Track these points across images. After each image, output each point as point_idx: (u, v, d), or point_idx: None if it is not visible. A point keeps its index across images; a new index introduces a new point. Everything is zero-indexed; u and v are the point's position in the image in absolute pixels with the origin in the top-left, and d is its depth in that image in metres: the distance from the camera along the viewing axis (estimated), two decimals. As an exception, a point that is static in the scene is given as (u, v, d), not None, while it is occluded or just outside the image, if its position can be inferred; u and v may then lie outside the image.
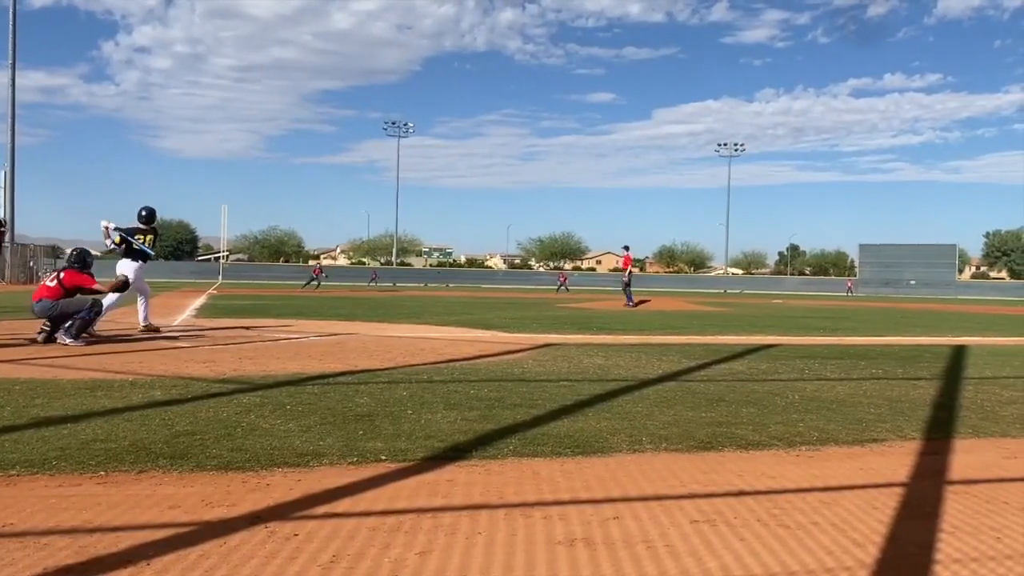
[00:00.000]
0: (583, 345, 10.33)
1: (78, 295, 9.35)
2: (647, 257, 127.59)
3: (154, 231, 11.37)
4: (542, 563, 2.58)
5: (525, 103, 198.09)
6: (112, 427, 4.44)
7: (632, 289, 23.92)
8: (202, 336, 10.63)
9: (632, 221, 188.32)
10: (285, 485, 3.42)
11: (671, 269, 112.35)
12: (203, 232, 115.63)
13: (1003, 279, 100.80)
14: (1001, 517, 3.22)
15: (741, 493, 3.49)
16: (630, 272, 23.69)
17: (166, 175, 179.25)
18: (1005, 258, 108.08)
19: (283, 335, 11.10)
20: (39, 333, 9.20)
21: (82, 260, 9.78)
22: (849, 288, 56.10)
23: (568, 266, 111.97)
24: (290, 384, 6.24)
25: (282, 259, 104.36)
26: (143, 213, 11.24)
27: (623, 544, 2.77)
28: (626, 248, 24.82)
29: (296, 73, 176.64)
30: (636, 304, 22.99)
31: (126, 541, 2.68)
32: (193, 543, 2.68)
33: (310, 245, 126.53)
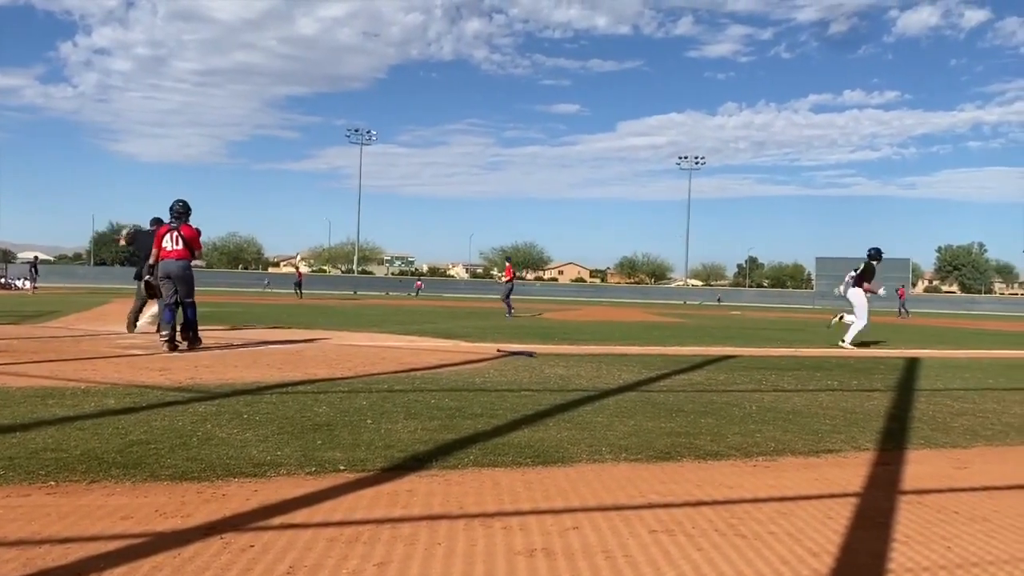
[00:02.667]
0: (545, 355, 10.35)
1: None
2: (608, 268, 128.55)
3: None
4: (501, 574, 2.57)
5: (490, 113, 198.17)
6: (63, 436, 4.33)
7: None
8: (158, 344, 10.43)
9: (594, 232, 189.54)
10: (241, 495, 3.37)
11: (632, 280, 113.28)
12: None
13: (954, 292, 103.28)
14: (951, 527, 3.29)
15: (699, 503, 3.52)
16: (511, 283, 23.80)
17: (124, 179, 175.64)
18: (956, 272, 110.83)
19: (241, 343, 10.95)
20: (163, 343, 9.40)
21: (188, 210, 9.93)
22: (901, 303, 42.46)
23: (530, 276, 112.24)
24: (247, 393, 6.16)
25: (241, 266, 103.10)
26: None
27: (582, 554, 2.77)
28: (508, 259, 26.65)
29: (260, 78, 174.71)
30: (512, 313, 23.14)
31: (76, 553, 2.62)
32: (145, 555, 2.62)
33: (270, 252, 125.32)
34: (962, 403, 7.03)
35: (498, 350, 10.96)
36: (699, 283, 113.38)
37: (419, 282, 70.07)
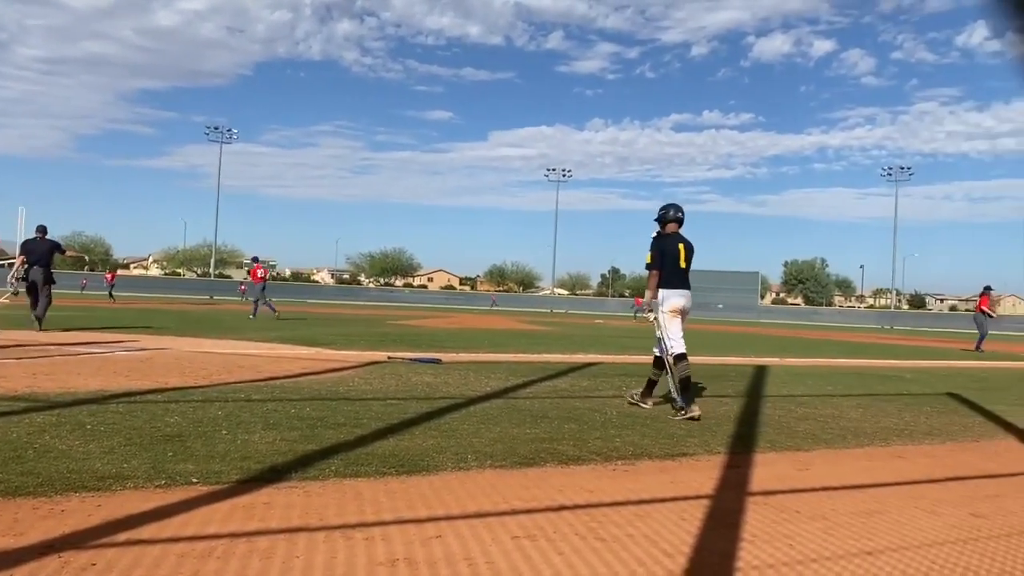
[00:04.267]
0: (412, 362, 10.27)
1: None
2: (478, 276, 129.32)
3: None
4: (362, 585, 2.52)
5: (360, 116, 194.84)
6: None
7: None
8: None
9: (465, 240, 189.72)
10: (83, 511, 3.15)
11: (501, 288, 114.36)
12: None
13: (799, 304, 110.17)
14: (794, 525, 3.49)
15: (561, 508, 3.58)
16: (264, 285, 24.01)
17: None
18: (801, 285, 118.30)
19: (85, 349, 10.27)
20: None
21: None
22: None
23: (399, 282, 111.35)
24: (92, 402, 5.78)
25: (87, 267, 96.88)
26: None
27: (445, 563, 2.76)
28: (255, 259, 25.99)
29: (113, 70, 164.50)
30: (278, 316, 23.42)
31: None
32: (-31, 580, 2.41)
33: (120, 253, 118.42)
34: (804, 408, 7.49)
35: (388, 357, 10.83)
36: (565, 292, 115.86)
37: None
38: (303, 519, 3.21)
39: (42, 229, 14.67)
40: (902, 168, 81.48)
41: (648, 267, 7.26)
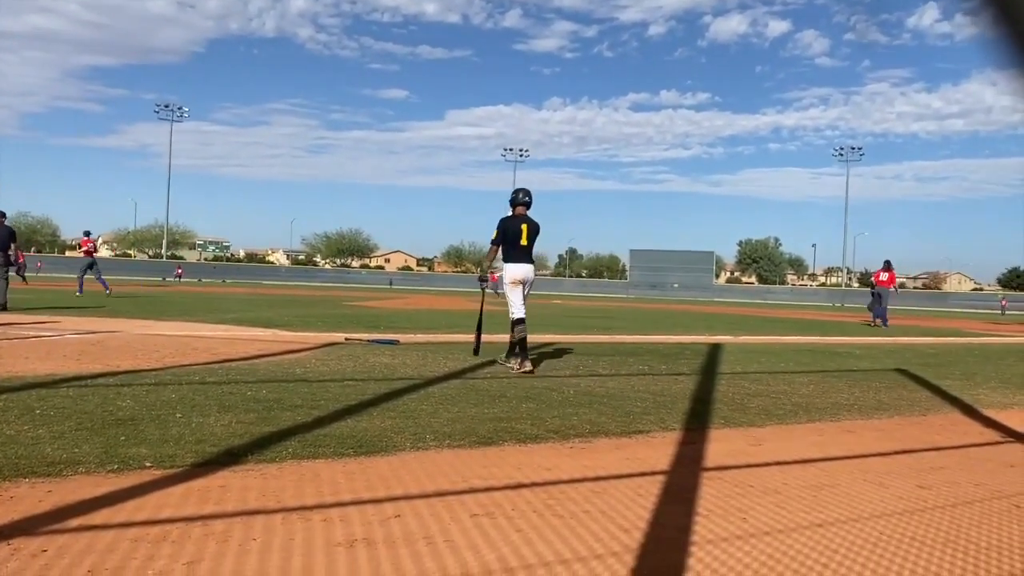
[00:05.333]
0: (370, 344, 10.22)
1: None
2: (436, 256, 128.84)
3: None
4: (320, 566, 2.51)
5: (315, 94, 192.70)
6: None
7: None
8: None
9: (422, 220, 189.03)
10: (33, 497, 3.09)
11: (459, 269, 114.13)
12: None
13: (752, 283, 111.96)
14: (747, 499, 3.56)
15: (519, 486, 3.61)
16: (93, 260, 23.87)
17: None
18: (755, 264, 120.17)
19: (34, 332, 10.02)
20: None
21: None
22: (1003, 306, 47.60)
23: (356, 263, 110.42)
24: (40, 386, 5.65)
25: (34, 249, 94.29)
26: None
27: (404, 542, 2.76)
28: (87, 233, 25.30)
29: (59, 45, 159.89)
30: (109, 292, 23.13)
31: None
32: (-87, 569, 2.35)
33: (67, 234, 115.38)
34: (757, 385, 7.63)
35: (346, 339, 10.74)
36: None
37: (180, 269, 67.07)
38: (260, 502, 3.19)
39: (1, 214, 15.48)
40: (853, 148, 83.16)
41: (492, 242, 8.58)
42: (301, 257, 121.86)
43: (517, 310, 8.34)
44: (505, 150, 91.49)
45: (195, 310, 17.73)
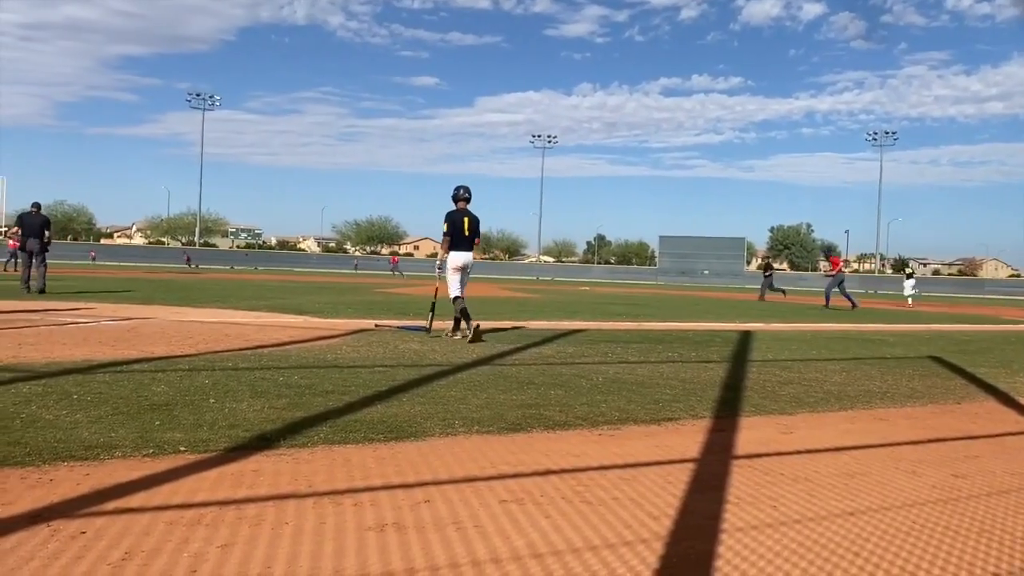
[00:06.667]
0: (399, 330, 10.28)
1: None
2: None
3: None
4: (351, 550, 2.54)
5: (346, 82, 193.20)
6: None
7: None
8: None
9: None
10: (71, 480, 3.15)
11: (487, 256, 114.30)
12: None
13: (784, 270, 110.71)
14: (778, 488, 3.54)
15: (548, 472, 3.61)
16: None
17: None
18: (787, 251, 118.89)
19: (71, 319, 10.21)
20: None
21: None
22: None
23: (385, 251, 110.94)
24: (78, 372, 5.76)
25: (70, 237, 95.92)
26: None
27: (433, 527, 2.78)
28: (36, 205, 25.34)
29: (94, 35, 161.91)
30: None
31: None
32: (-42, 549, 2.41)
33: (103, 222, 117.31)
34: (789, 373, 7.56)
35: (376, 325, 10.83)
36: (551, 260, 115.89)
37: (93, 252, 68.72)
38: (292, 486, 3.23)
39: (36, 205, 17.02)
40: (887, 133, 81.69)
41: (444, 234, 9.81)
42: (331, 244, 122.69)
43: (454, 290, 9.80)
44: (533, 136, 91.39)
45: (228, 297, 17.94)
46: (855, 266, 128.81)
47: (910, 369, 8.29)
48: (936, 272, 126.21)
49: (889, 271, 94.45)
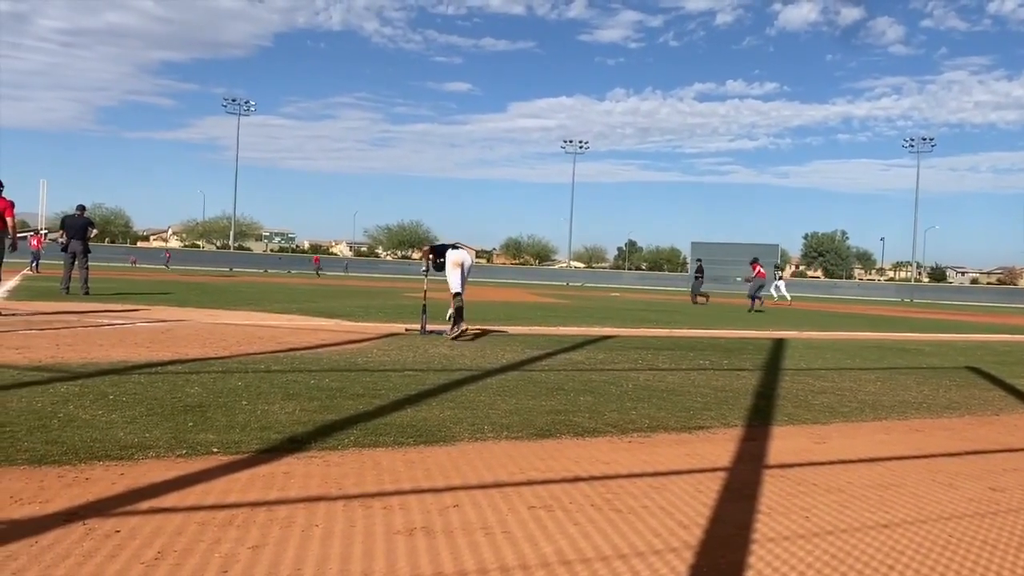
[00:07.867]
0: (430, 334, 10.31)
1: None
2: (494, 249, 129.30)
3: None
4: (380, 553, 2.55)
5: (380, 87, 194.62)
6: (-98, 420, 4.00)
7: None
8: (15, 320, 9.77)
9: (482, 212, 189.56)
10: (107, 479, 3.21)
11: (517, 261, 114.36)
12: (19, 208, 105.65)
13: (818, 278, 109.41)
14: (810, 498, 3.49)
15: (577, 479, 3.60)
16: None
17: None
18: (821, 258, 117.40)
19: (107, 320, 10.39)
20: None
21: None
22: None
23: (416, 255, 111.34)
24: (114, 373, 5.86)
25: (107, 239, 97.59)
26: None
27: (462, 531, 2.79)
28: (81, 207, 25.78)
29: (133, 41, 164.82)
30: None
31: (-84, 545, 2.43)
32: (-3, 545, 2.46)
33: (139, 225, 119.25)
34: (822, 382, 7.47)
35: (406, 329, 10.90)
36: (581, 265, 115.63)
37: (167, 252, 69.53)
38: (322, 488, 3.25)
39: (81, 207, 17.40)
40: (924, 139, 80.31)
41: (431, 246, 10.97)
42: (363, 249, 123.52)
43: (455, 286, 10.21)
44: (565, 142, 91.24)
45: (261, 300, 18.14)
46: (891, 274, 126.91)
47: (947, 379, 8.14)
48: (975, 281, 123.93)
49: (926, 280, 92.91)
